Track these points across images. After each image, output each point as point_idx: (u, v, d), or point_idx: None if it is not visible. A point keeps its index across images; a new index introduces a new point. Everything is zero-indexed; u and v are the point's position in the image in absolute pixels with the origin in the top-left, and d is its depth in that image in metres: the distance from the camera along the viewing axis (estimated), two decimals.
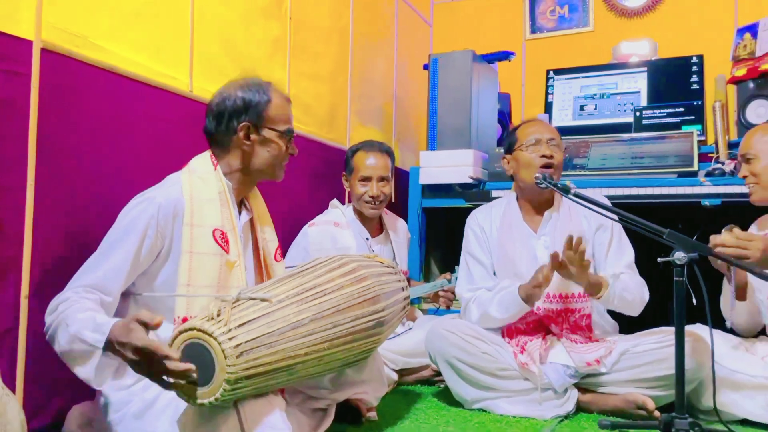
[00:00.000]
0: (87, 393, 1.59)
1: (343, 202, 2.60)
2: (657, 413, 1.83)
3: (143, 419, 1.40)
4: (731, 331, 2.05)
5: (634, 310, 2.01)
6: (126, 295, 1.50)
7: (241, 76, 1.69)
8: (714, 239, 1.77)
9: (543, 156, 2.07)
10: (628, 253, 2.09)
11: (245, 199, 1.72)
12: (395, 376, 2.27)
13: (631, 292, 1.97)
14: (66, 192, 1.62)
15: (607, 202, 2.03)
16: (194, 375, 1.19)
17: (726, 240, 1.75)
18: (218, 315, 1.25)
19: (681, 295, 1.63)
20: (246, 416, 1.27)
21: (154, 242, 1.48)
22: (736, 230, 1.80)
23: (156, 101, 1.91)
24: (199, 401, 1.21)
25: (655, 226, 1.70)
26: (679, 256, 1.62)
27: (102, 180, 1.73)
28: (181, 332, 1.23)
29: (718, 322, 2.00)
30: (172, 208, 1.50)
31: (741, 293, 1.99)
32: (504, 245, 2.11)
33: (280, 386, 1.41)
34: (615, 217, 1.78)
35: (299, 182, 2.66)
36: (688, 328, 1.86)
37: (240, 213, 1.67)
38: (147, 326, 1.19)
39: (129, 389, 1.47)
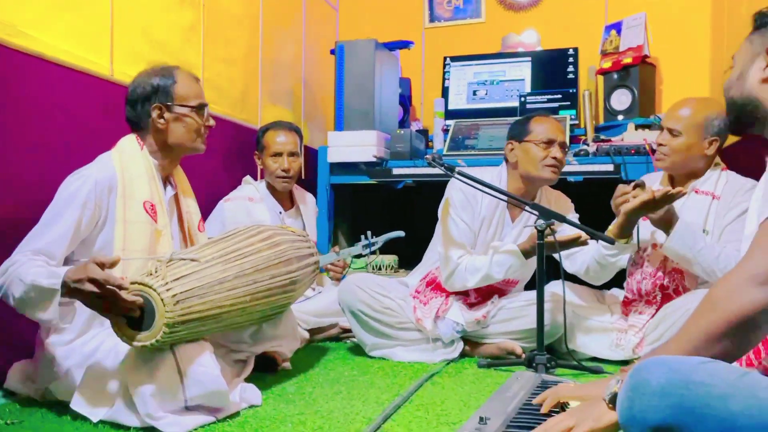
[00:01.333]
0: (26, 352, 1.76)
1: (255, 179, 2.82)
2: (523, 355, 2.21)
3: (83, 367, 1.59)
4: (586, 284, 2.45)
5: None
6: (66, 262, 1.67)
7: (150, 64, 1.88)
8: (627, 188, 2.07)
9: (554, 158, 2.22)
10: None
11: (170, 175, 1.92)
12: (307, 335, 2.53)
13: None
14: None
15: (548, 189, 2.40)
16: (138, 309, 1.42)
17: (645, 197, 1.98)
18: (156, 272, 1.48)
19: (541, 255, 2.00)
20: (181, 357, 1.51)
21: (92, 213, 1.67)
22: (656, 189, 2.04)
23: (80, 85, 2.05)
24: (141, 343, 1.44)
25: (521, 198, 2.06)
26: (539, 223, 1.99)
27: (30, 160, 1.87)
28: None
29: (577, 278, 2.40)
30: (107, 182, 1.70)
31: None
32: (484, 224, 2.31)
33: (210, 332, 1.64)
34: (491, 192, 2.11)
35: (214, 160, 2.84)
36: (551, 288, 2.24)
37: (166, 188, 1.88)
38: (103, 265, 1.40)
39: (68, 345, 1.67)
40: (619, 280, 2.48)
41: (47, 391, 1.68)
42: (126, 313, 1.45)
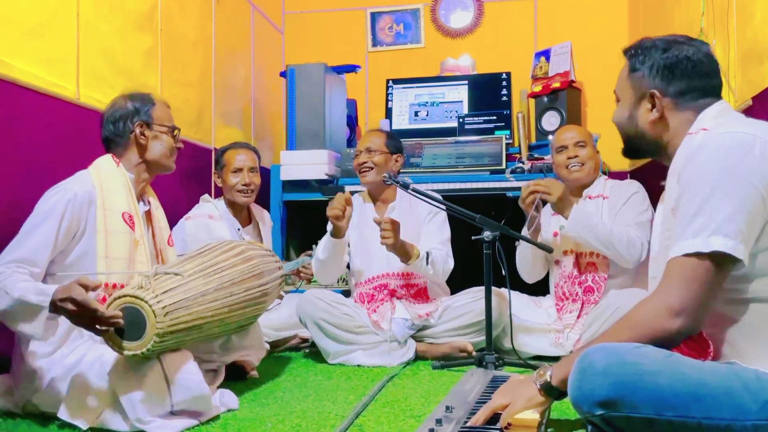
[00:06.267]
0: (2, 367, 1.82)
1: (213, 197, 2.91)
2: (474, 353, 2.41)
3: (68, 379, 1.66)
4: (528, 290, 2.70)
5: (439, 277, 2.60)
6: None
7: (124, 89, 2.00)
8: (528, 183, 2.42)
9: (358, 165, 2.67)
10: (446, 233, 2.67)
11: (144, 192, 2.02)
12: (267, 347, 2.65)
13: (436, 265, 2.52)
14: None
15: (437, 195, 2.60)
16: (121, 322, 1.51)
17: (540, 181, 2.41)
18: (144, 285, 1.58)
19: (489, 264, 2.22)
20: (167, 364, 1.62)
21: (70, 224, 1.74)
22: (547, 178, 2.47)
23: (49, 108, 2.13)
24: (132, 352, 1.54)
25: (469, 212, 2.27)
26: (487, 234, 2.20)
27: (2, 178, 1.93)
28: (116, 298, 1.55)
29: (516, 285, 2.64)
30: (87, 196, 1.78)
31: (534, 235, 2.55)
32: (360, 227, 2.64)
33: (192, 342, 1.75)
34: (442, 207, 2.32)
35: (171, 178, 2.91)
36: (495, 289, 2.46)
37: (139, 204, 1.96)
38: (87, 288, 1.51)
39: (48, 358, 1.73)
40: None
41: (29, 403, 1.73)
42: (109, 326, 1.54)
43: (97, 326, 1.52)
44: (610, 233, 2.34)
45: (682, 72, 1.35)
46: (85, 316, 1.51)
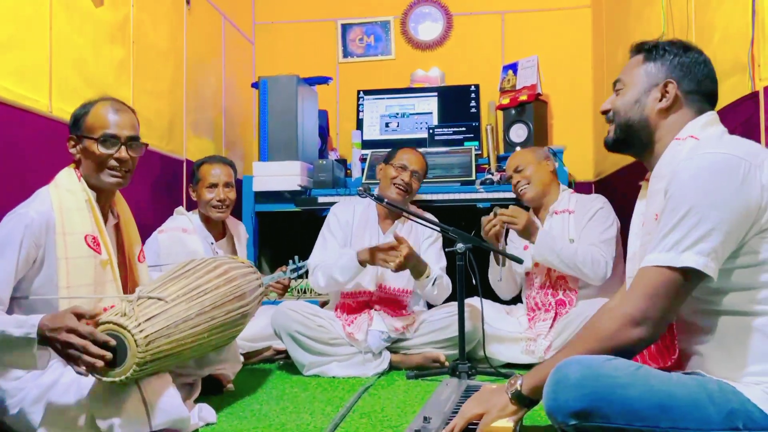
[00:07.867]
0: None
1: (187, 210, 2.90)
2: (447, 363, 2.46)
3: (43, 402, 1.64)
4: (499, 300, 2.76)
5: (438, 301, 2.66)
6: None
7: (85, 99, 1.87)
8: (489, 216, 2.46)
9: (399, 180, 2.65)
10: (443, 260, 2.73)
11: (112, 205, 1.93)
12: (241, 359, 2.65)
13: (441, 290, 2.60)
14: None
15: (432, 217, 2.64)
16: (109, 356, 1.49)
17: (505, 211, 2.45)
18: (127, 312, 1.57)
19: (461, 275, 2.27)
20: (145, 389, 1.60)
21: (29, 252, 1.66)
22: (512, 207, 2.49)
23: (22, 122, 2.11)
24: (111, 379, 1.52)
25: (442, 225, 2.32)
26: (460, 246, 2.25)
27: None
28: (98, 324, 1.53)
29: (488, 295, 2.70)
30: (44, 221, 1.69)
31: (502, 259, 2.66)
32: (358, 236, 2.66)
33: (170, 367, 1.74)
34: (437, 228, 2.38)
35: (142, 191, 2.91)
36: (467, 300, 2.52)
37: (107, 218, 1.89)
38: (81, 317, 1.49)
39: (20, 379, 1.70)
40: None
41: (1, 424, 1.71)
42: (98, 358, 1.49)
43: (86, 358, 1.47)
44: (575, 255, 2.41)
45: (696, 74, 1.40)
46: (77, 348, 1.47)
